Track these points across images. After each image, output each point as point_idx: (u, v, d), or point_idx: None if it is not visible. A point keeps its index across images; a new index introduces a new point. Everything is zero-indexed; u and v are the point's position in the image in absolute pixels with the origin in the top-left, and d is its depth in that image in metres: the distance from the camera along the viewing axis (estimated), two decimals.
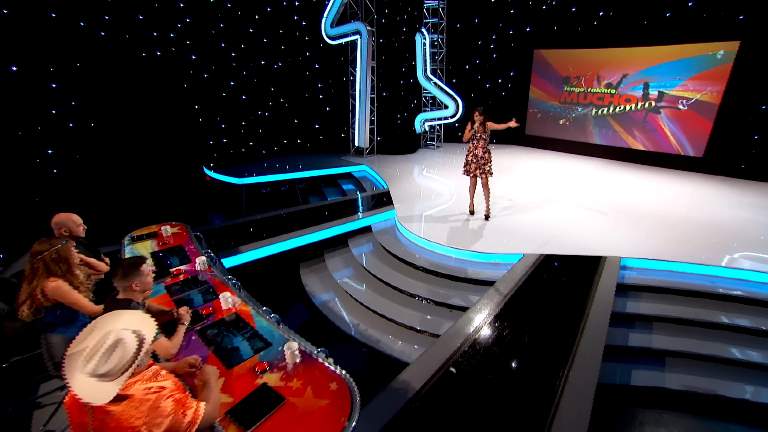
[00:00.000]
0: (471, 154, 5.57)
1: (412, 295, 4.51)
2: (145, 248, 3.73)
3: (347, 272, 5.28)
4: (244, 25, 9.05)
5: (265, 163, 9.48)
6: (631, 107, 9.18)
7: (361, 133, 9.69)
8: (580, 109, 10.06)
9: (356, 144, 9.99)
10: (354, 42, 9.17)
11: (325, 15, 9.22)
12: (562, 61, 10.08)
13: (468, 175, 5.71)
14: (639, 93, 8.97)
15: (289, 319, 4.72)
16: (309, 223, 5.68)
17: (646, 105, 8.92)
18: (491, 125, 5.36)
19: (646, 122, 9.04)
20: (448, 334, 3.38)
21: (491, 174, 5.60)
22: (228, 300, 2.80)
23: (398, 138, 11.47)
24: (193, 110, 8.80)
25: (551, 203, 6.52)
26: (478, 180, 5.71)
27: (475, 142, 5.47)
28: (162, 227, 4.06)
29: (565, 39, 9.86)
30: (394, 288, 4.66)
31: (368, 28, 8.73)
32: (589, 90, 9.77)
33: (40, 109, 6.98)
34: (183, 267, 3.36)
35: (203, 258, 3.37)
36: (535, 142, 11.05)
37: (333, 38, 9.35)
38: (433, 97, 10.78)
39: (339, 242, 5.95)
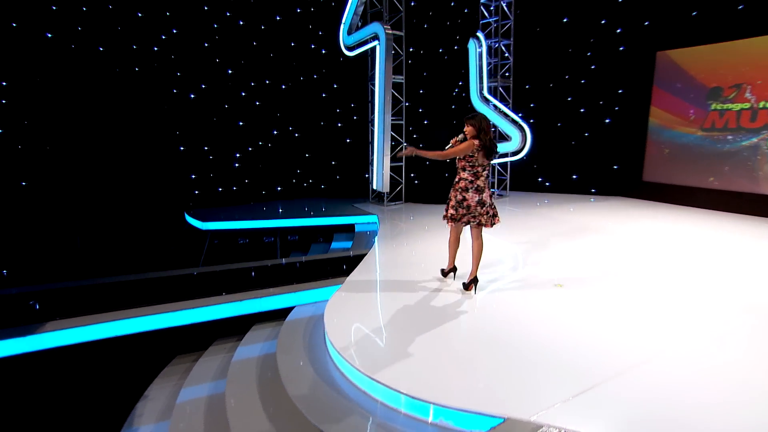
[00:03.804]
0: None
1: None
2: None
3: (206, 390, 3.38)
4: (246, 37, 8.52)
5: (264, 207, 8.39)
6: None
7: (380, 172, 7.96)
8: (741, 139, 6.94)
9: (373, 186, 8.31)
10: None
11: (343, 20, 8.24)
12: (707, 64, 7.27)
13: (445, 221, 4.07)
14: None
15: None
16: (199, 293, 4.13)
17: None
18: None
19: None
20: None
21: (487, 224, 3.87)
22: None
23: (446, 181, 9.48)
24: (174, 136, 8.27)
25: (641, 303, 3.80)
26: (466, 229, 4.06)
27: (463, 165, 3.96)
28: None
29: (712, 29, 7.15)
30: None
31: (388, 30, 7.35)
32: (760, 106, 6.70)
33: None
34: None
35: None
36: (660, 193, 7.99)
37: (351, 48, 8.22)
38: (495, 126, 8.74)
39: (243, 327, 4.20)
